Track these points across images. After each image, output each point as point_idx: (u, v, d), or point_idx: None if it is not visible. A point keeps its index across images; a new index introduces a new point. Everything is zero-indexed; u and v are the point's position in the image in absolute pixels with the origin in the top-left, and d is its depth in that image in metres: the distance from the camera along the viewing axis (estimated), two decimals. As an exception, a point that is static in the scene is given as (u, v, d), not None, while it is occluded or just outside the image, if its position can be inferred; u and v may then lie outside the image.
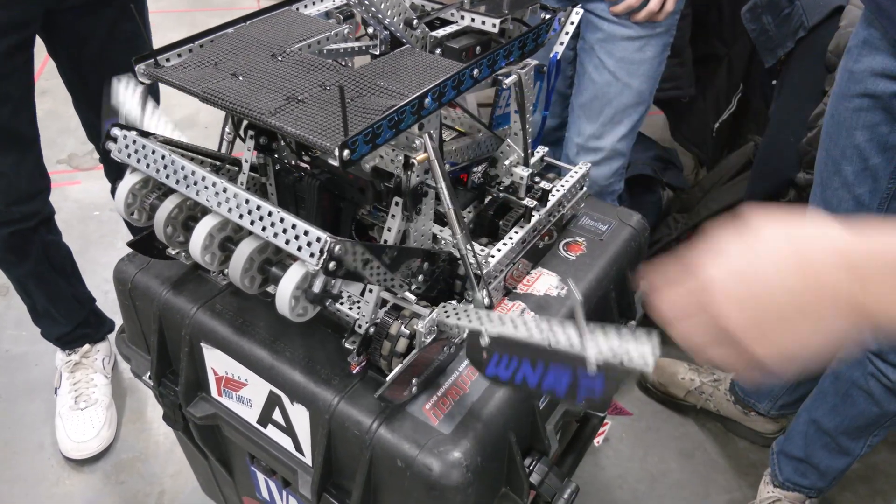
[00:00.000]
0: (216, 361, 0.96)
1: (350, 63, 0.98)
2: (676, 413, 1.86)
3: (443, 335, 0.83)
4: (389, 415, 0.82)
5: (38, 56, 1.40)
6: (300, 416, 0.88)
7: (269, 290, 0.81)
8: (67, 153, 2.80)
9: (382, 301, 0.86)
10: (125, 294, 1.05)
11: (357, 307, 0.88)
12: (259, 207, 0.73)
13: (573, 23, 1.04)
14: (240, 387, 0.95)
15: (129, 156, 0.85)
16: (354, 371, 0.86)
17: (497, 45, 0.87)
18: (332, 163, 0.66)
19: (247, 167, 0.92)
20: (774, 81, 1.78)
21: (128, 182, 0.87)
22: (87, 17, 1.38)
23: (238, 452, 1.15)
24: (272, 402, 0.91)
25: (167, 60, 0.86)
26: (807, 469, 1.47)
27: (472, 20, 0.98)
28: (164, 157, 0.81)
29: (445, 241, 0.92)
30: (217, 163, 0.95)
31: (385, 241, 0.84)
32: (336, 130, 0.69)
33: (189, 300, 0.97)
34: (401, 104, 0.71)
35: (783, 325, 0.55)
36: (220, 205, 0.76)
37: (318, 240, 0.68)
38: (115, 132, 0.86)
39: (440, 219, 0.88)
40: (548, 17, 0.98)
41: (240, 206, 0.75)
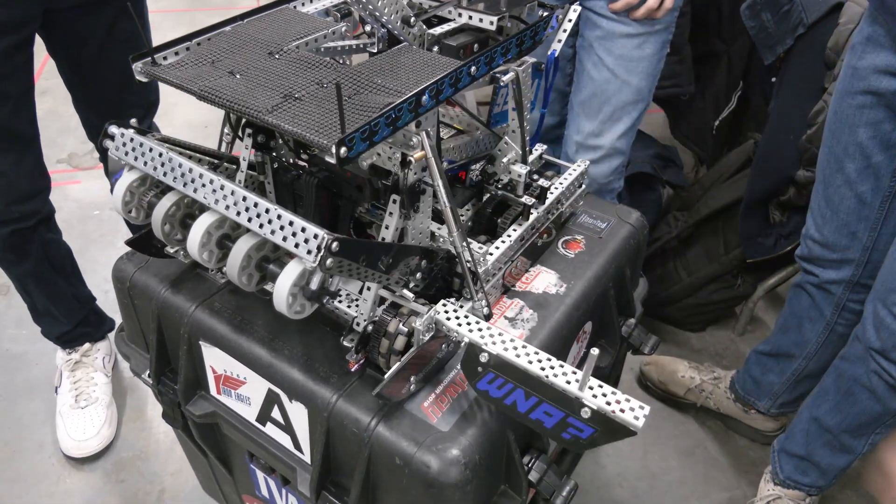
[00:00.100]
0: (215, 359, 0.96)
1: (348, 61, 0.98)
2: (676, 411, 1.86)
3: (441, 333, 0.83)
4: (388, 412, 0.82)
5: (38, 55, 1.40)
6: (299, 414, 0.88)
7: (267, 288, 0.81)
8: (68, 152, 2.80)
9: (381, 299, 0.86)
10: (124, 292, 1.05)
11: (355, 305, 0.88)
12: (256, 204, 0.73)
13: (571, 20, 1.04)
14: (238, 385, 0.95)
15: (127, 154, 0.85)
16: (353, 369, 0.86)
17: (495, 43, 0.87)
18: (330, 160, 0.66)
19: (245, 165, 0.92)
20: (774, 79, 1.78)
21: (125, 180, 0.87)
22: (87, 17, 1.39)
23: (237, 450, 1.15)
24: (271, 400, 0.92)
25: (164, 59, 0.86)
26: (808, 467, 1.47)
27: (470, 18, 0.98)
28: (162, 155, 0.81)
29: (444, 239, 0.92)
30: (215, 161, 0.95)
31: (383, 239, 0.84)
32: (333, 128, 0.69)
33: (188, 298, 0.98)
34: (398, 102, 0.71)
35: None
36: (218, 202, 0.76)
37: (315, 236, 0.68)
38: (113, 130, 0.86)
39: (438, 216, 0.88)
40: (545, 15, 0.98)
41: (237, 204, 0.75)
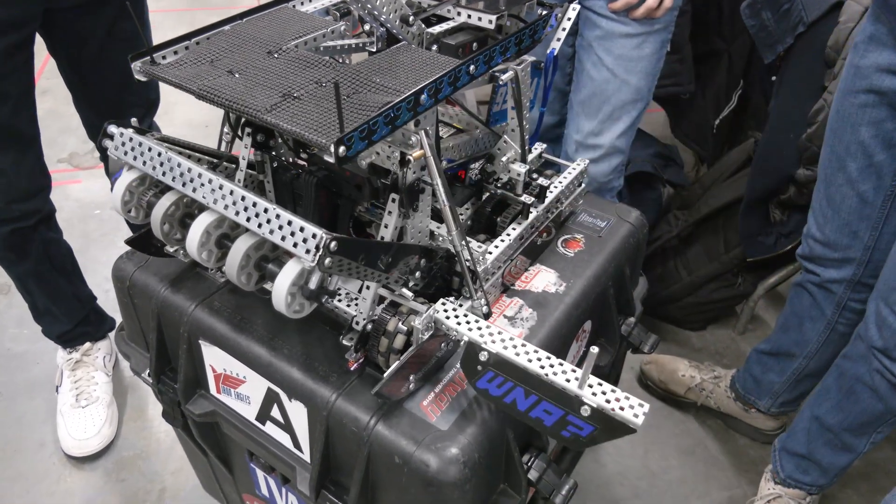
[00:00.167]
0: (214, 358, 0.96)
1: (347, 60, 0.98)
2: (677, 410, 1.86)
3: (440, 332, 0.83)
4: (387, 411, 0.82)
5: (39, 55, 1.41)
6: (298, 413, 0.88)
7: (267, 287, 0.81)
8: (68, 152, 2.81)
9: (380, 298, 0.86)
10: (124, 292, 1.05)
11: (354, 304, 0.88)
12: (255, 204, 0.73)
13: (570, 19, 1.04)
14: (238, 384, 0.96)
15: (126, 153, 0.85)
16: (352, 368, 0.86)
17: (494, 42, 0.87)
18: (328, 159, 0.66)
19: (244, 164, 0.92)
20: (774, 77, 1.78)
21: (125, 179, 0.87)
22: (87, 17, 1.39)
23: (237, 449, 1.15)
24: (270, 399, 0.92)
25: (164, 58, 0.86)
26: (809, 466, 1.47)
27: (469, 16, 0.98)
28: (161, 155, 0.81)
29: (443, 238, 0.92)
30: (214, 160, 0.95)
31: (382, 238, 0.84)
32: (332, 127, 0.69)
33: (187, 297, 0.98)
34: (397, 101, 0.71)
35: None
36: (217, 202, 0.76)
37: (314, 236, 0.68)
38: (112, 130, 0.86)
39: (438, 215, 0.88)
40: (544, 13, 0.98)
41: (235, 203, 0.75)
